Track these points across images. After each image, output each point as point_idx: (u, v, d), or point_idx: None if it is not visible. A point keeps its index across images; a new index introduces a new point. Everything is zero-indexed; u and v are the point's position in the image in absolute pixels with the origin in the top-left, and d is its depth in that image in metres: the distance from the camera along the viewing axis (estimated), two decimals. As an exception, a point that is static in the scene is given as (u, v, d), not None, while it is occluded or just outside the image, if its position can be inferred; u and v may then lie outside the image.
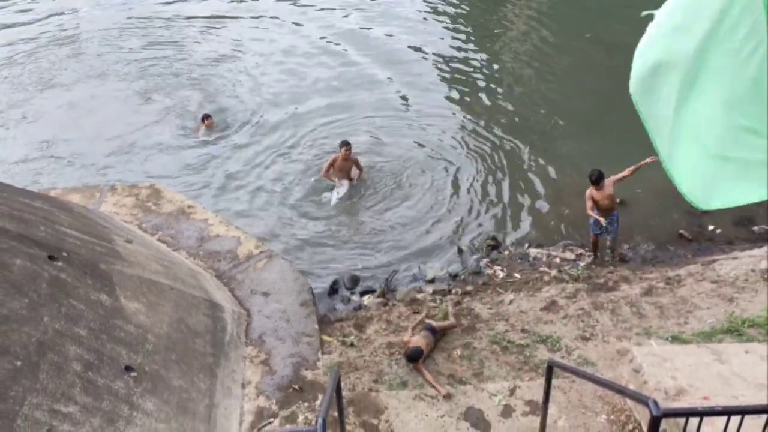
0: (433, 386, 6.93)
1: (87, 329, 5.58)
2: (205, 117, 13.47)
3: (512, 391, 6.82)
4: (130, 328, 6.06)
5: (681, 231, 10.39)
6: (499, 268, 9.94)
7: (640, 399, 3.97)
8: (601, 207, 9.49)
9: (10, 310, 5.03)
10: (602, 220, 9.32)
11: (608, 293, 8.70)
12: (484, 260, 10.20)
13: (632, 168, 9.40)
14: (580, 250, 10.16)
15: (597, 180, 9.28)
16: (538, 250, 10.26)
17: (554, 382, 6.13)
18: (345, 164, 11.39)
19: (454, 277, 9.93)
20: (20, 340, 4.89)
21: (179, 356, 6.37)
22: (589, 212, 9.46)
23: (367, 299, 9.50)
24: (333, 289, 9.79)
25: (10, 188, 7.66)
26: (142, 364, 5.81)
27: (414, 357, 7.27)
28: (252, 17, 18.95)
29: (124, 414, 5.23)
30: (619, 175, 9.53)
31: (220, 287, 8.29)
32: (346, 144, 11.24)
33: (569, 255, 10.05)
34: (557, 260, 9.96)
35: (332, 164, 11.44)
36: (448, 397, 6.76)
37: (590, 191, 9.45)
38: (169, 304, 6.92)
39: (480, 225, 10.90)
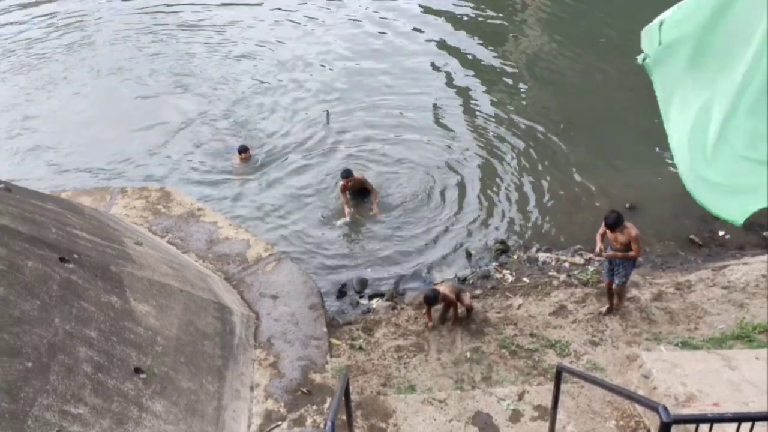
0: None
1: (97, 331, 5.61)
2: (243, 150, 12.34)
3: (521, 396, 6.80)
4: (139, 330, 6.09)
5: (691, 236, 10.33)
6: (508, 272, 9.92)
7: (650, 405, 3.96)
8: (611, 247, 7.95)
9: (22, 311, 5.07)
10: (598, 246, 7.90)
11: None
12: (493, 264, 10.17)
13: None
14: (590, 255, 10.12)
15: (610, 225, 7.60)
16: (548, 254, 10.23)
17: (563, 387, 6.13)
18: (355, 187, 11.28)
19: (462, 281, 9.90)
20: (31, 342, 4.92)
21: (188, 358, 6.39)
22: (597, 236, 8.05)
23: (375, 303, 9.50)
24: (341, 293, 9.79)
25: (22, 190, 7.71)
26: (152, 366, 5.84)
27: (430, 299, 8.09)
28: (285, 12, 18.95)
29: (133, 416, 5.25)
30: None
31: (229, 290, 8.32)
32: (345, 176, 11.00)
33: (578, 259, 10.02)
34: (566, 265, 9.92)
35: (343, 191, 11.24)
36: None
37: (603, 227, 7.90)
38: (179, 307, 6.94)
39: (489, 229, 10.87)
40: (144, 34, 17.94)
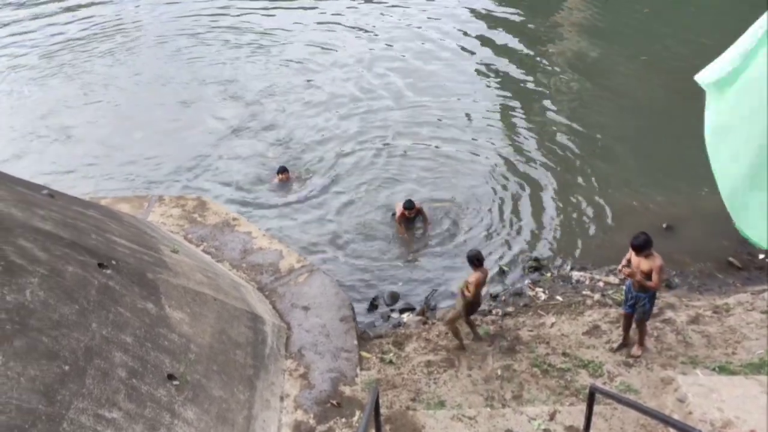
0: None
1: (133, 337, 5.70)
2: (282, 170, 12.19)
3: (552, 416, 6.72)
4: (173, 337, 6.16)
5: (730, 258, 10.13)
6: (541, 290, 9.83)
7: (687, 430, 3.89)
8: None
9: (61, 315, 5.17)
10: (624, 270, 7.41)
11: (653, 320, 8.52)
12: (526, 281, 10.10)
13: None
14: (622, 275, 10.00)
15: (637, 246, 7.16)
16: (581, 273, 10.12)
17: (596, 408, 6.04)
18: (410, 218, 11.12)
19: (494, 297, 9.85)
20: (69, 345, 5.01)
21: (220, 367, 6.44)
22: (624, 260, 7.57)
23: (406, 317, 9.49)
24: (373, 306, 9.80)
25: (65, 197, 7.89)
26: (185, 373, 5.90)
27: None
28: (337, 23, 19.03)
29: (165, 422, 5.30)
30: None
31: (261, 300, 8.38)
32: (407, 207, 10.82)
33: (613, 279, 9.88)
34: (601, 284, 9.80)
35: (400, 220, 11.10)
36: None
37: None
38: (212, 315, 7.02)
39: (522, 246, 10.80)
40: (187, 38, 18.25)
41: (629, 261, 7.49)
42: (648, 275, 7.25)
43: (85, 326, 5.30)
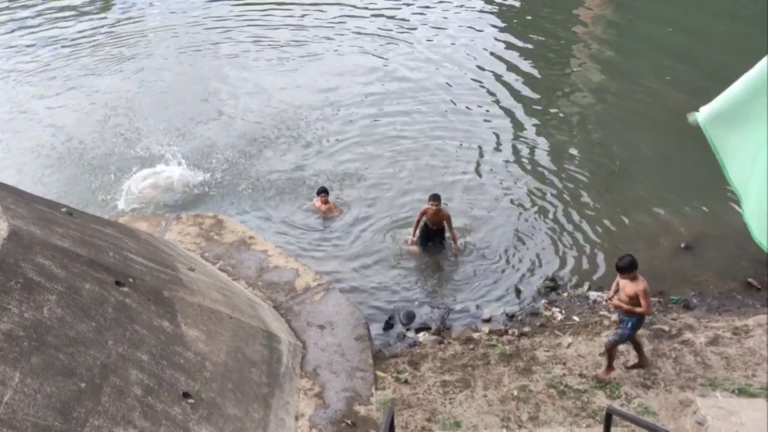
0: None
1: (148, 354, 5.72)
2: (321, 191, 12.09)
3: (569, 438, 6.65)
4: (189, 355, 6.18)
5: (749, 279, 10.02)
6: (558, 310, 9.77)
7: (705, 454, 3.83)
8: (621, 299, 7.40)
9: (78, 332, 5.20)
10: (612, 302, 7.46)
11: (671, 341, 8.45)
12: (543, 301, 10.04)
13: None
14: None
15: (621, 267, 7.19)
16: (598, 293, 10.04)
17: (613, 430, 5.97)
18: (435, 218, 10.81)
19: (511, 317, 9.79)
20: (85, 363, 5.04)
21: (235, 385, 6.45)
22: (613, 286, 7.63)
23: (422, 336, 9.45)
24: (388, 325, 9.77)
25: (83, 215, 7.97)
26: (200, 392, 5.90)
27: None
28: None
29: (180, 440, 5.30)
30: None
31: (277, 318, 8.38)
32: (433, 198, 10.58)
33: (630, 299, 9.80)
34: (618, 304, 9.72)
35: (423, 214, 10.85)
36: None
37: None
38: (228, 333, 7.03)
39: (539, 266, 10.75)
40: (221, 39, 18.53)
41: (618, 284, 7.44)
42: (633, 299, 7.18)
43: (101, 343, 5.33)
